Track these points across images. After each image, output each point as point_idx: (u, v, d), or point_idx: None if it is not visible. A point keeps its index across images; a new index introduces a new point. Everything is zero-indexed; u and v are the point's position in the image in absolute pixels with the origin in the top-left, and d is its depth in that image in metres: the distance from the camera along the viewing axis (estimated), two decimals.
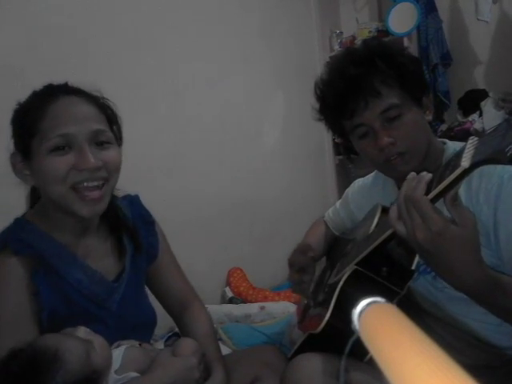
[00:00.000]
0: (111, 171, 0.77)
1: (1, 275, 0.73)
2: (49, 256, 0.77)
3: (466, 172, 0.53)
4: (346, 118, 0.85)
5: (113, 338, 0.79)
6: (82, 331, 0.71)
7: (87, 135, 0.73)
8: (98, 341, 0.72)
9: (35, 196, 0.85)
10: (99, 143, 0.76)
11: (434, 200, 0.58)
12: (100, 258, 0.86)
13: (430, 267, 0.74)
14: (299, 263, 1.01)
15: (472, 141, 0.55)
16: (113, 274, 0.87)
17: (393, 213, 0.63)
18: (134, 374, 0.74)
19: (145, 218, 0.98)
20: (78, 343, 0.68)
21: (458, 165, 0.53)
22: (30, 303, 0.73)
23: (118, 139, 0.82)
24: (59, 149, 0.72)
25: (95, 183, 0.75)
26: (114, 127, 0.82)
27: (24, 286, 0.73)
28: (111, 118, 0.81)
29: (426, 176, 0.59)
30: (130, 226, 0.92)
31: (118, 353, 0.76)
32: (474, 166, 0.52)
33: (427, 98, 0.87)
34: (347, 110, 0.84)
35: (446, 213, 0.59)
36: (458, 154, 0.56)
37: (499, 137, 0.49)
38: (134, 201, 0.98)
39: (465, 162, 0.52)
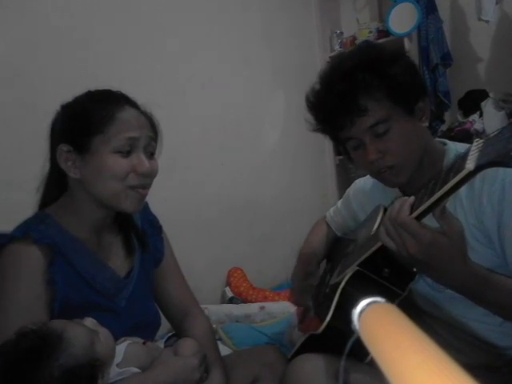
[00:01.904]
0: (153, 178, 0.87)
1: (19, 261, 0.77)
2: (66, 249, 0.81)
3: (471, 174, 0.53)
4: (336, 132, 0.87)
5: (120, 332, 0.81)
6: (89, 321, 0.74)
7: (145, 140, 0.83)
8: (104, 332, 0.74)
9: (51, 194, 0.88)
10: (148, 153, 0.85)
11: (438, 201, 0.59)
12: (112, 254, 0.90)
13: (423, 273, 0.77)
14: (301, 288, 1.02)
15: (477, 143, 0.55)
16: (123, 271, 0.91)
17: (381, 231, 0.70)
18: (135, 370, 0.76)
19: (153, 223, 1.03)
20: (84, 330, 0.71)
21: (462, 167, 0.53)
22: (44, 291, 0.76)
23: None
24: (122, 151, 0.80)
25: (146, 190, 0.86)
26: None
27: (40, 273, 0.76)
28: (155, 131, 0.90)
29: (410, 198, 0.67)
30: (139, 227, 0.97)
31: (121, 347, 0.77)
32: (478, 168, 0.52)
33: (424, 102, 0.84)
34: (336, 124, 0.85)
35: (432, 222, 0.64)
36: (463, 157, 0.56)
37: (504, 139, 0.49)
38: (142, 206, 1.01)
39: (470, 165, 0.52)
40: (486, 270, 0.69)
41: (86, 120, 0.80)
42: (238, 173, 2.20)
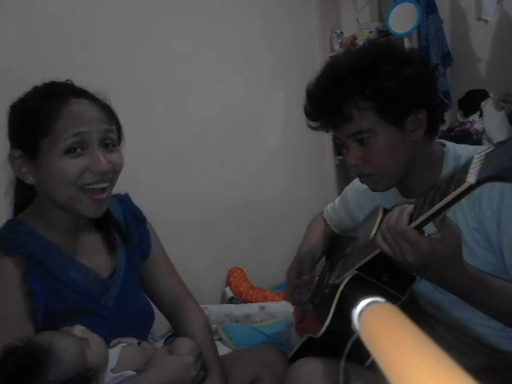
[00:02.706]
0: (116, 173, 0.80)
1: None
2: (41, 255, 0.77)
3: (472, 188, 0.53)
4: (326, 131, 0.88)
5: (111, 334, 0.79)
6: (79, 330, 0.72)
7: (99, 134, 0.76)
8: (94, 339, 0.72)
9: (23, 197, 0.84)
10: (105, 145, 0.78)
11: (438, 212, 0.60)
12: (92, 255, 0.86)
13: (420, 277, 0.78)
14: (293, 284, 1.02)
15: (478, 155, 0.54)
16: (107, 271, 0.88)
17: (379, 236, 0.70)
18: (131, 373, 0.74)
19: (136, 215, 0.98)
20: (73, 341, 0.68)
21: (463, 180, 0.53)
22: (24, 302, 0.73)
23: (119, 140, 0.84)
24: (72, 151, 0.73)
25: (104, 185, 0.77)
26: (115, 128, 0.83)
27: (17, 285, 0.73)
28: (113, 119, 0.83)
29: (409, 207, 0.66)
30: (120, 222, 0.93)
31: (115, 351, 0.76)
32: (479, 182, 0.51)
33: (420, 114, 0.80)
34: (324, 127, 0.87)
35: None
36: (464, 168, 0.55)
37: (507, 154, 0.48)
38: (124, 199, 0.98)
39: (471, 178, 0.52)
40: (483, 273, 0.70)
41: (32, 121, 0.74)
42: (237, 173, 2.20)
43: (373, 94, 0.77)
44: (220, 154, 2.11)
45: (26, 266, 0.74)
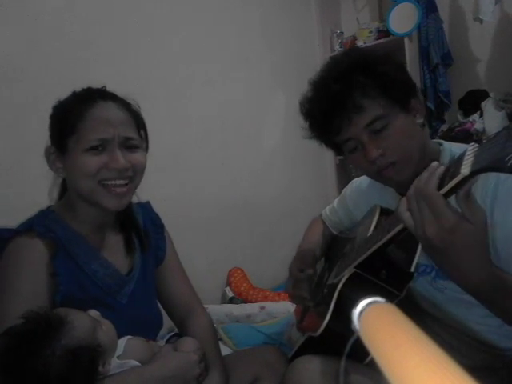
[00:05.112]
0: (136, 172, 0.85)
1: (23, 253, 0.79)
2: (68, 243, 0.83)
3: (466, 179, 0.53)
4: (334, 134, 0.85)
5: (121, 330, 0.81)
6: (93, 313, 0.77)
7: (120, 139, 0.81)
8: (106, 323, 0.77)
9: (63, 189, 0.92)
10: (128, 146, 0.84)
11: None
12: (113, 252, 0.91)
13: (434, 262, 0.68)
14: (296, 278, 1.02)
15: (472, 148, 0.54)
16: (124, 269, 0.92)
17: (402, 205, 0.62)
18: (135, 363, 0.77)
19: (155, 221, 1.04)
20: (87, 316, 0.74)
21: (457, 172, 0.53)
22: (47, 282, 0.78)
23: (145, 144, 0.90)
24: (94, 148, 0.79)
25: (122, 182, 0.83)
26: (142, 132, 0.89)
27: (44, 265, 0.79)
28: (140, 124, 0.89)
29: (439, 169, 0.58)
30: (141, 227, 0.98)
31: (122, 340, 0.79)
32: (473, 173, 0.51)
33: (416, 100, 0.84)
34: (333, 126, 0.83)
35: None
36: (458, 161, 0.56)
37: (500, 145, 0.48)
38: (145, 206, 1.04)
39: (465, 170, 0.52)
40: (505, 274, 0.64)
41: (62, 121, 0.82)
42: (238, 173, 2.20)
43: (376, 81, 0.80)
44: (220, 153, 2.11)
45: (54, 250, 0.80)
